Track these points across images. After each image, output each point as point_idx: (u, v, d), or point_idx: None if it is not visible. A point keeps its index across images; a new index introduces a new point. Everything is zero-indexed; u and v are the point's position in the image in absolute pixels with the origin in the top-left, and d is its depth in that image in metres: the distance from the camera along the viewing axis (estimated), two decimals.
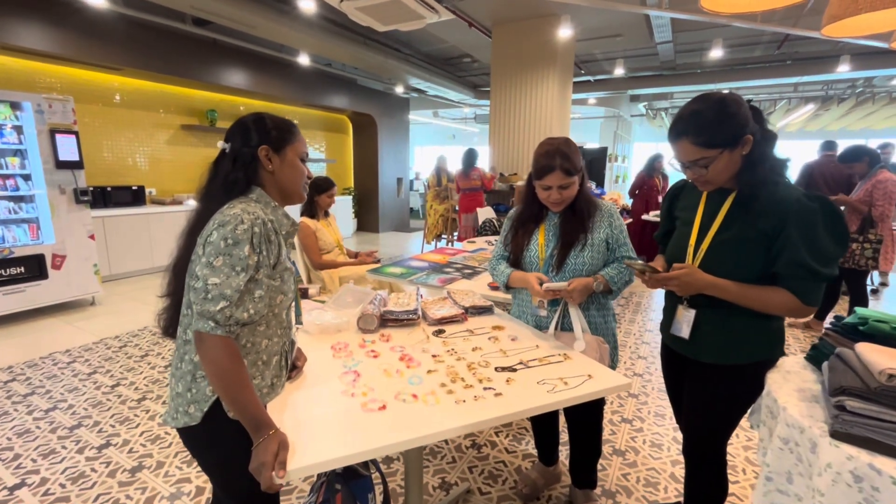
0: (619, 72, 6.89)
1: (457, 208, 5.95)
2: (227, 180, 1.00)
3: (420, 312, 1.62)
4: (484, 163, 5.94)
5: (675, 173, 1.29)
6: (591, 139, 11.58)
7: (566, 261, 1.49)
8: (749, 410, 1.30)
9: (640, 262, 1.33)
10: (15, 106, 3.68)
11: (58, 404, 2.46)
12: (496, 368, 1.25)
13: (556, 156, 1.42)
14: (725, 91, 1.21)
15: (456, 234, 6.22)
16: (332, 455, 0.87)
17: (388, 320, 1.57)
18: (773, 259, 1.15)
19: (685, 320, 1.30)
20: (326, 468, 0.86)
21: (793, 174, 4.17)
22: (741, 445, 2.16)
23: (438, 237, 6.47)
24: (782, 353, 1.27)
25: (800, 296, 1.12)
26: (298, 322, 1.29)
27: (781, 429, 1.05)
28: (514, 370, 1.24)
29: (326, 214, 3.10)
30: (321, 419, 0.99)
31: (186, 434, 1.01)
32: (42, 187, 3.80)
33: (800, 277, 1.11)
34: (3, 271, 3.62)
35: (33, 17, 4.19)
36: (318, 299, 2.23)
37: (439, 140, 15.17)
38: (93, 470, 1.94)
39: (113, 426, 2.26)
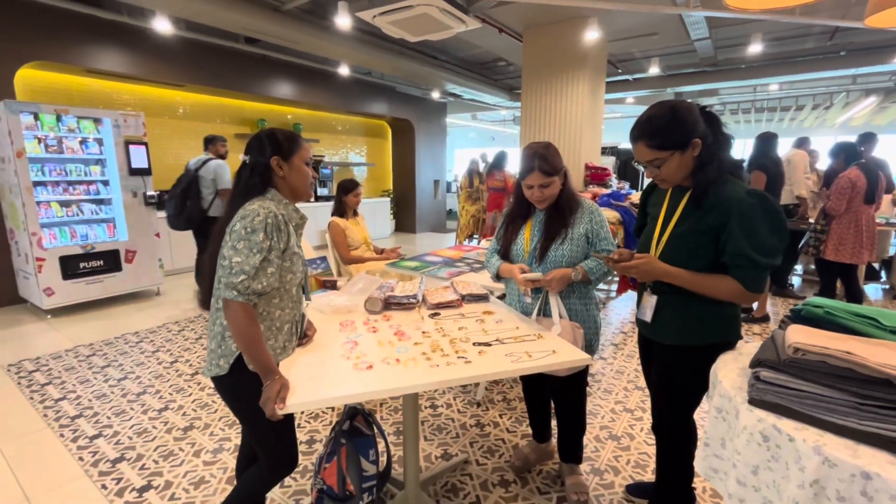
0: (654, 70, 6.80)
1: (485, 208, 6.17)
2: (247, 186, 1.27)
3: (420, 297, 1.84)
4: (515, 164, 6.10)
5: None
6: None
7: (548, 253, 1.65)
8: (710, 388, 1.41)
9: (604, 252, 1.47)
10: (97, 121, 4.27)
11: (128, 375, 2.90)
12: (473, 343, 1.44)
13: (536, 158, 1.59)
14: (681, 99, 1.34)
15: None
16: (321, 396, 1.10)
17: (391, 304, 1.80)
18: (721, 250, 1.27)
19: (648, 305, 1.44)
20: (315, 406, 1.10)
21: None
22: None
23: (470, 237, 6.66)
24: (738, 337, 1.37)
25: (743, 283, 1.24)
26: (307, 299, 1.54)
27: (717, 399, 1.17)
28: (489, 345, 1.43)
29: (355, 214, 3.39)
30: (319, 374, 1.23)
31: (218, 382, 1.28)
32: (118, 191, 4.38)
33: (742, 266, 1.23)
34: (87, 264, 4.21)
35: (112, 45, 4.81)
36: None
37: (480, 142, 15.36)
38: (154, 427, 2.31)
39: (170, 394, 2.65)
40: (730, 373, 1.20)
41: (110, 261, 4.37)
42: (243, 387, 1.23)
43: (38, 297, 4.00)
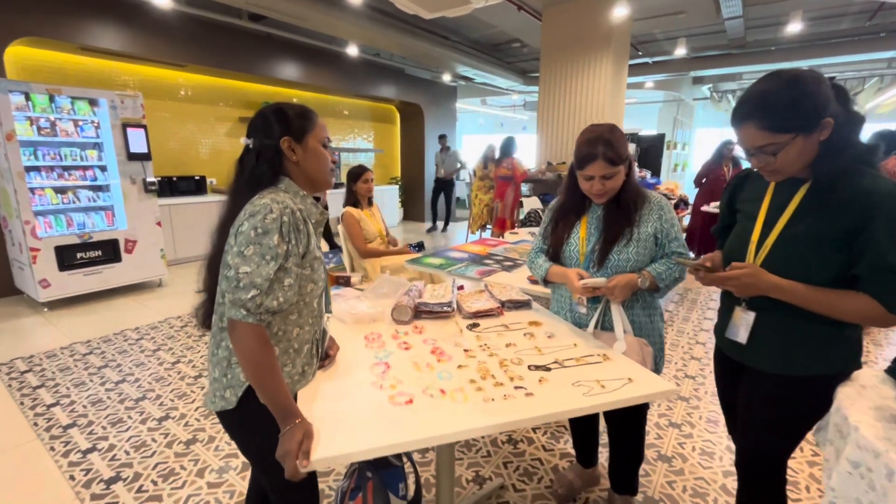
0: (680, 52, 6.43)
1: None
2: (254, 175, 1.01)
3: (455, 305, 1.60)
4: (530, 151, 5.83)
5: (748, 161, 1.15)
6: (647, 125, 10.96)
7: (609, 256, 1.40)
8: (815, 427, 1.16)
9: (692, 258, 1.21)
10: (93, 103, 4.00)
11: (126, 377, 2.68)
12: (529, 367, 1.20)
13: (599, 143, 1.33)
14: (804, 68, 1.06)
15: None
16: (355, 448, 0.86)
17: (422, 312, 1.55)
18: (853, 259, 1.01)
19: (743, 324, 1.18)
20: (349, 461, 0.86)
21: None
22: (805, 460, 1.97)
23: (483, 227, 6.40)
24: (858, 367, 1.12)
25: (884, 302, 0.98)
26: (328, 311, 1.30)
27: (851, 451, 0.93)
28: (549, 369, 1.18)
29: (370, 203, 3.14)
30: (348, 410, 0.99)
31: (224, 417, 1.05)
32: (116, 178, 4.12)
33: (884, 283, 0.97)
34: (84, 254, 3.98)
35: (108, 20, 4.51)
36: (360, 287, 2.26)
37: (488, 129, 14.96)
38: (153, 440, 2.10)
39: (172, 400, 2.43)
40: (863, 416, 0.95)
41: (109, 251, 4.14)
42: (256, 422, 1.00)
43: (33, 290, 3.78)
